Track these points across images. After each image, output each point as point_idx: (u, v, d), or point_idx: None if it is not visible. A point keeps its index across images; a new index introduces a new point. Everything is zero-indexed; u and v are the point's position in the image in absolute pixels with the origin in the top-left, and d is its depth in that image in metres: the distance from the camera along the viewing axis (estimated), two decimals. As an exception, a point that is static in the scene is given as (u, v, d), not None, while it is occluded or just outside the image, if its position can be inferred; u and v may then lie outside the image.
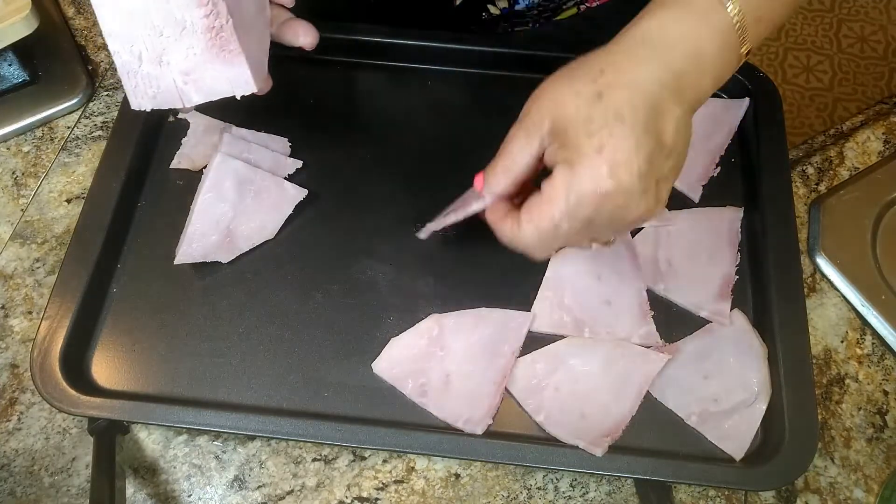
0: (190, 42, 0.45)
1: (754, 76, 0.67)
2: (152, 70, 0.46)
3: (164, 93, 0.47)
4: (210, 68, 0.46)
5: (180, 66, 0.46)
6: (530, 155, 0.45)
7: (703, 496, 0.55)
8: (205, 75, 0.47)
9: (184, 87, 0.47)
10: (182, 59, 0.46)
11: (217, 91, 0.48)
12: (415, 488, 0.54)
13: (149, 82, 0.47)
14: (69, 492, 0.54)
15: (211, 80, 0.47)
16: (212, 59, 0.46)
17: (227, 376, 0.55)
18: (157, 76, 0.47)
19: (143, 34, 0.45)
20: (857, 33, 1.94)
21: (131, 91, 0.47)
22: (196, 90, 0.47)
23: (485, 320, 0.56)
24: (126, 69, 0.46)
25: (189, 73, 0.47)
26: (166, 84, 0.47)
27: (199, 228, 0.58)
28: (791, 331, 0.55)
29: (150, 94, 0.47)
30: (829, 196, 0.65)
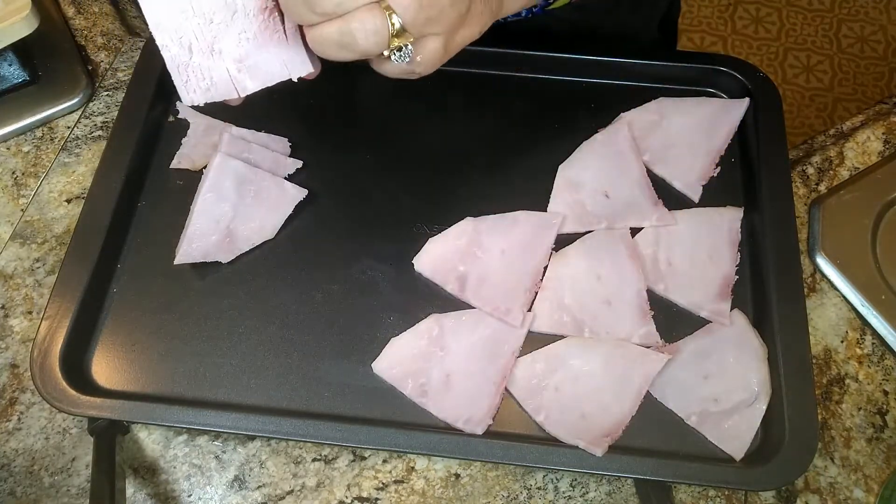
0: (242, 26, 0.43)
1: (754, 76, 0.67)
2: (204, 61, 0.44)
3: (218, 84, 0.45)
4: (264, 52, 0.44)
5: (233, 53, 0.44)
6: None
7: (703, 496, 0.55)
8: (259, 60, 0.45)
9: (238, 76, 0.45)
10: (235, 46, 0.44)
11: (273, 76, 0.46)
12: (415, 488, 0.54)
13: (201, 75, 0.45)
14: (69, 492, 0.54)
15: (266, 65, 0.45)
16: (265, 42, 0.44)
17: (227, 376, 0.55)
18: (209, 67, 0.45)
19: (193, 23, 0.43)
20: (857, 33, 1.94)
21: (182, 86, 0.45)
22: (251, 77, 0.46)
23: (485, 320, 0.56)
24: (175, 63, 0.44)
25: (243, 60, 0.45)
26: (220, 75, 0.45)
27: (199, 228, 0.58)
28: (791, 331, 0.55)
29: (203, 87, 0.46)
30: (829, 196, 0.65)
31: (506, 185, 0.63)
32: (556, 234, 0.60)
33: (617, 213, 0.61)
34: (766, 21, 1.96)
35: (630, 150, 0.64)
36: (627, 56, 0.68)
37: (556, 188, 0.62)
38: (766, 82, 0.66)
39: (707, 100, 0.67)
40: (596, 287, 0.58)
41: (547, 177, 0.63)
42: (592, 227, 0.61)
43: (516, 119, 0.67)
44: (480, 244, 0.59)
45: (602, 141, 0.64)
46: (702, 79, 0.68)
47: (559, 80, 0.68)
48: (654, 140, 0.65)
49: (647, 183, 0.63)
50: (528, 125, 0.67)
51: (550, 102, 0.67)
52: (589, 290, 0.58)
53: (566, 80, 0.68)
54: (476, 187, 0.63)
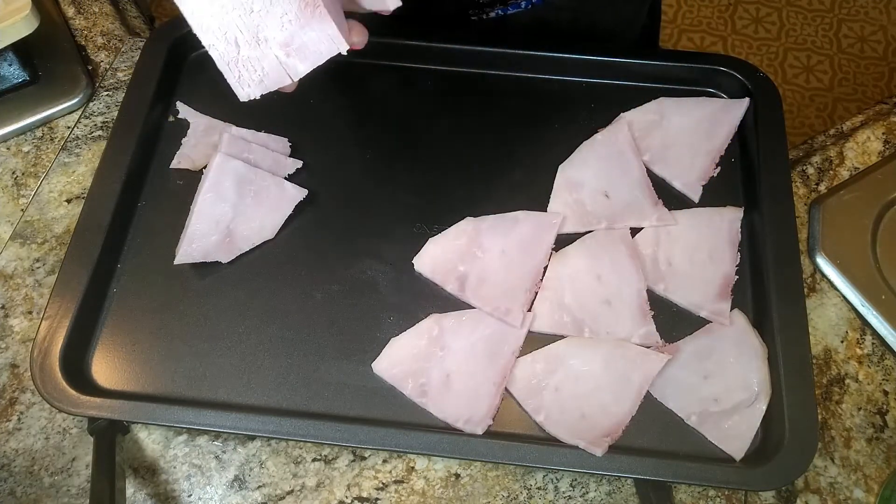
0: (283, 9, 0.44)
1: (754, 76, 0.67)
2: (252, 52, 0.44)
3: (271, 73, 0.45)
4: (309, 32, 0.44)
5: (278, 38, 0.44)
6: None
7: (703, 496, 0.55)
8: (305, 41, 0.45)
9: (287, 61, 0.45)
10: (279, 31, 0.44)
11: (322, 53, 0.46)
12: (415, 488, 0.54)
13: (252, 67, 0.45)
14: (69, 492, 0.54)
15: (313, 45, 0.45)
16: (307, 21, 0.44)
17: (227, 376, 0.55)
18: (258, 57, 0.45)
19: (234, 17, 0.43)
20: (857, 33, 1.94)
21: (236, 83, 0.46)
22: (301, 59, 0.45)
23: (485, 320, 0.56)
24: (225, 60, 0.45)
25: (289, 44, 0.45)
26: (270, 63, 0.45)
27: (199, 228, 0.58)
28: (791, 331, 0.55)
29: (257, 80, 0.46)
30: (829, 196, 0.65)
31: (506, 185, 0.63)
32: (556, 234, 0.60)
33: (617, 213, 0.61)
34: (766, 21, 1.96)
35: (630, 150, 0.64)
36: (628, 56, 0.68)
37: (556, 188, 0.62)
38: (766, 82, 0.66)
39: (707, 100, 0.67)
40: (596, 287, 0.58)
41: (547, 177, 0.63)
42: (592, 227, 0.61)
43: (516, 119, 0.67)
44: (480, 244, 0.59)
45: (602, 141, 0.64)
46: (702, 79, 0.68)
47: (559, 79, 0.68)
48: (654, 140, 0.65)
49: (647, 183, 0.63)
50: (528, 125, 0.67)
51: (550, 102, 0.67)
52: (589, 290, 0.58)
53: (566, 80, 0.68)
54: (476, 187, 0.63)
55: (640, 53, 0.69)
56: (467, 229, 0.60)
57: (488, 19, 0.74)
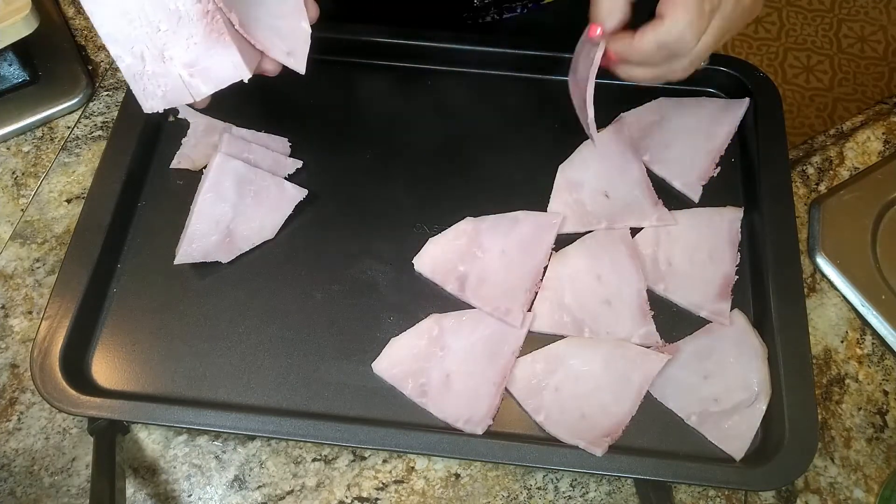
0: (188, 31, 0.45)
1: (754, 76, 0.67)
2: (157, 68, 0.46)
3: (173, 90, 0.47)
4: (214, 55, 0.46)
5: (183, 58, 0.46)
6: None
7: (703, 496, 0.55)
8: (209, 64, 0.46)
9: (190, 80, 0.47)
10: (184, 51, 0.45)
11: (224, 78, 0.47)
12: (415, 488, 0.54)
13: (156, 82, 0.46)
14: (69, 492, 0.54)
15: (216, 69, 0.46)
16: (213, 44, 0.45)
17: (227, 376, 0.55)
18: (162, 73, 0.46)
19: (142, 32, 0.45)
20: (857, 33, 1.94)
21: (141, 95, 0.47)
22: (203, 81, 0.47)
23: (485, 320, 0.56)
24: (131, 72, 0.46)
25: (193, 65, 0.46)
26: (173, 80, 0.46)
27: (199, 228, 0.58)
28: (791, 331, 0.55)
29: (160, 94, 0.47)
30: (829, 196, 0.65)
31: (506, 185, 0.63)
32: (556, 234, 0.60)
33: (617, 213, 0.61)
34: (766, 21, 1.96)
35: (630, 150, 0.64)
36: (627, 56, 0.68)
37: (556, 188, 0.62)
38: (766, 82, 0.66)
39: (707, 100, 0.67)
40: (596, 287, 0.58)
41: (547, 177, 0.63)
42: (592, 227, 0.61)
43: (516, 119, 0.67)
44: (480, 244, 0.59)
45: (602, 141, 0.64)
46: (702, 79, 0.68)
47: (559, 79, 0.68)
48: (654, 140, 0.65)
49: (647, 183, 0.63)
50: (528, 125, 0.67)
51: (550, 102, 0.67)
52: (589, 290, 0.58)
53: (566, 80, 0.68)
54: (476, 187, 0.63)
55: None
56: (467, 229, 0.60)
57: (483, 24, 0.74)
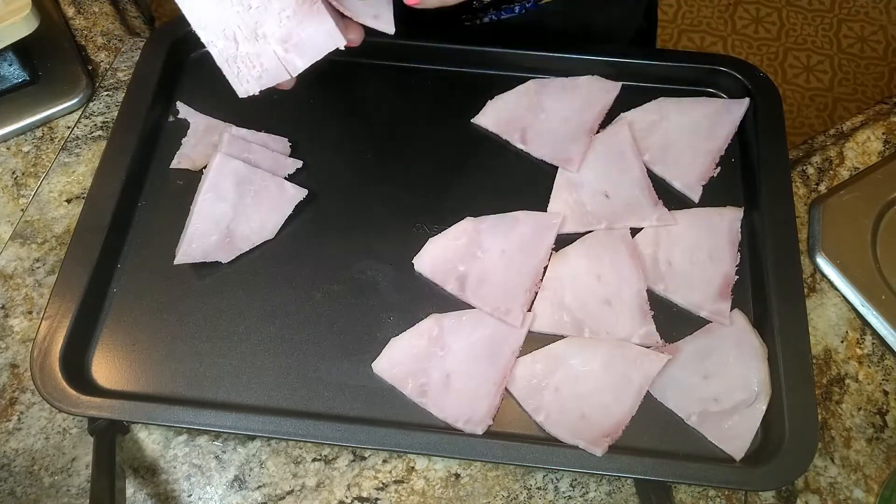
0: (280, 5, 0.44)
1: (754, 76, 0.67)
2: (250, 49, 0.45)
3: (269, 69, 0.46)
4: (307, 27, 0.45)
5: (277, 34, 0.45)
6: None
7: (703, 496, 0.55)
8: (303, 36, 0.45)
9: (286, 56, 0.46)
10: (277, 27, 0.45)
11: (320, 49, 0.46)
12: (415, 488, 0.54)
13: (251, 63, 0.46)
14: (69, 492, 0.54)
15: (311, 40, 0.45)
16: (305, 16, 0.44)
17: (227, 376, 0.55)
18: (257, 54, 0.45)
19: (232, 13, 0.44)
20: (857, 33, 1.94)
21: (235, 79, 0.46)
22: (299, 55, 0.46)
23: (485, 320, 0.56)
24: (224, 56, 0.45)
25: (287, 40, 0.45)
26: (268, 59, 0.46)
27: (199, 228, 0.58)
28: (791, 331, 0.55)
29: (256, 75, 0.46)
30: (829, 196, 0.65)
31: (506, 185, 0.63)
32: (556, 234, 0.60)
33: (617, 213, 0.61)
34: (766, 21, 1.96)
35: (630, 150, 0.64)
36: (628, 56, 0.68)
37: (556, 188, 0.63)
38: (766, 82, 0.66)
39: (707, 100, 0.67)
40: (596, 287, 0.58)
41: (547, 177, 0.63)
42: (592, 227, 0.61)
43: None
44: (480, 244, 0.59)
45: (602, 141, 0.64)
46: (702, 79, 0.68)
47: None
48: (654, 140, 0.65)
49: (647, 183, 0.63)
50: (528, 125, 0.66)
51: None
52: (589, 290, 0.58)
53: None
54: (476, 187, 0.63)
55: (641, 53, 0.69)
56: (467, 229, 0.60)
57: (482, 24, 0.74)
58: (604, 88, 0.67)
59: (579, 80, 0.67)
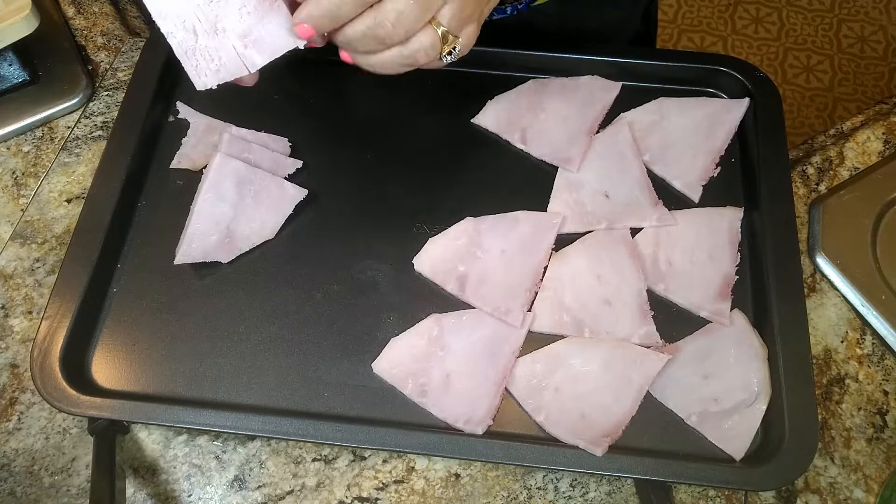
0: (241, 1, 0.44)
1: (754, 76, 0.67)
2: (210, 42, 0.45)
3: (228, 63, 0.46)
4: (267, 24, 0.45)
5: (237, 29, 0.45)
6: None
7: (703, 496, 0.55)
8: (263, 33, 0.45)
9: (245, 52, 0.46)
10: (237, 22, 0.45)
11: (279, 46, 0.46)
12: (415, 488, 0.54)
13: (209, 56, 0.46)
14: (69, 492, 0.54)
15: (270, 38, 0.46)
16: (266, 13, 0.45)
17: (227, 376, 0.55)
18: (216, 47, 0.45)
19: (193, 6, 0.44)
20: (857, 33, 1.94)
21: (193, 71, 0.46)
22: (258, 51, 0.46)
23: (485, 320, 0.56)
24: (183, 48, 0.45)
25: (247, 36, 0.45)
26: (227, 53, 0.46)
27: (199, 228, 0.58)
28: (791, 331, 0.55)
29: (213, 69, 0.46)
30: (829, 196, 0.65)
31: (506, 185, 0.63)
32: (556, 234, 0.60)
33: (617, 213, 0.61)
34: (766, 21, 1.96)
35: (630, 150, 0.64)
36: (628, 56, 0.68)
37: (556, 188, 0.63)
38: (766, 82, 0.66)
39: (707, 100, 0.67)
40: (596, 287, 0.58)
41: (547, 177, 0.63)
42: (592, 227, 0.61)
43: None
44: (480, 244, 0.59)
45: (602, 141, 0.64)
46: (702, 79, 0.68)
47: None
48: (654, 140, 0.65)
49: (647, 183, 0.63)
50: (528, 125, 0.66)
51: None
52: (589, 290, 0.58)
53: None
54: (476, 187, 0.63)
55: (641, 53, 0.69)
56: (467, 229, 0.60)
57: None
58: (604, 88, 0.67)
59: (579, 80, 0.67)
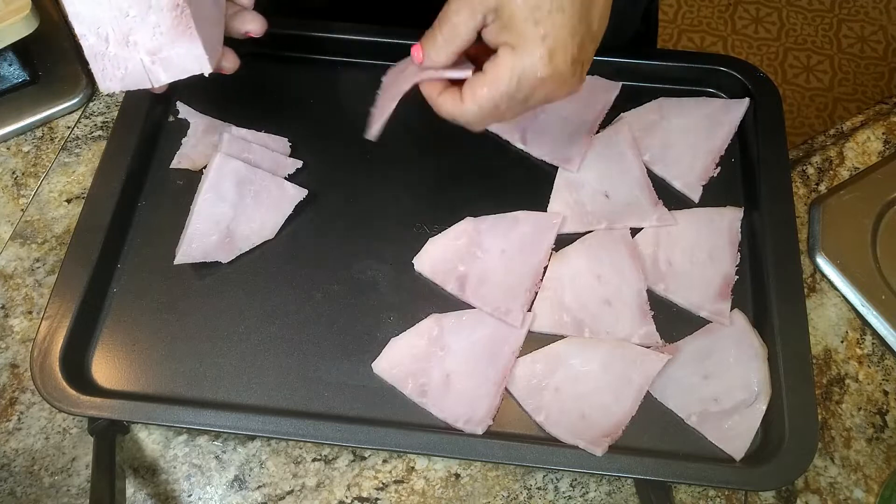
0: (156, 20, 0.46)
1: (754, 76, 0.67)
2: (119, 51, 0.47)
3: (132, 74, 0.48)
4: (177, 46, 0.47)
5: (147, 45, 0.47)
6: (473, 28, 0.47)
7: (703, 496, 0.55)
8: (171, 54, 0.47)
9: (151, 67, 0.48)
10: (149, 39, 0.46)
11: (185, 69, 0.48)
12: (415, 488, 0.54)
13: (116, 64, 0.47)
14: (69, 492, 0.54)
15: (178, 59, 0.48)
16: (178, 36, 0.46)
17: (227, 376, 0.55)
18: (124, 58, 0.47)
19: (110, 16, 0.46)
20: (857, 33, 1.94)
21: (99, 74, 0.48)
22: (164, 69, 0.48)
23: (485, 320, 0.56)
24: (93, 52, 0.47)
25: (156, 53, 0.47)
26: (134, 65, 0.47)
27: (199, 228, 0.58)
28: (791, 331, 0.55)
29: (119, 76, 0.48)
30: (829, 196, 0.65)
31: (506, 185, 0.63)
32: (556, 234, 0.60)
33: (617, 213, 0.61)
34: (766, 21, 1.96)
35: (630, 150, 0.64)
36: (627, 56, 0.68)
37: (556, 188, 0.63)
38: (766, 82, 0.66)
39: (707, 100, 0.67)
40: (596, 287, 0.58)
41: (547, 177, 0.63)
42: (592, 227, 0.61)
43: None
44: (480, 244, 0.59)
45: (602, 141, 0.64)
46: (702, 79, 0.68)
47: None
48: (654, 140, 0.65)
49: (647, 183, 0.63)
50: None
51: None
52: (589, 290, 0.58)
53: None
54: (476, 187, 0.63)
55: (641, 53, 0.69)
56: (467, 229, 0.60)
57: None
58: (604, 88, 0.67)
59: None
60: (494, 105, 0.47)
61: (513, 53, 0.45)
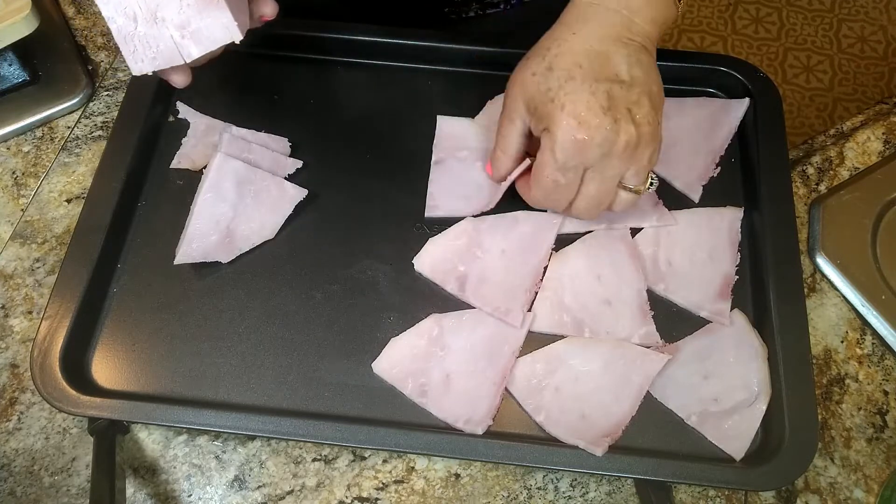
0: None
1: (754, 76, 0.67)
2: (148, 30, 0.47)
3: (164, 52, 0.48)
4: (205, 17, 0.47)
5: (175, 20, 0.47)
6: (519, 134, 0.54)
7: (703, 496, 0.55)
8: (201, 25, 0.47)
9: (182, 42, 0.48)
10: (176, 13, 0.46)
11: (216, 40, 0.48)
12: (415, 488, 0.54)
13: (147, 43, 0.47)
14: (69, 492, 0.54)
15: (207, 30, 0.47)
16: (205, 6, 0.46)
17: (227, 376, 0.55)
18: (154, 35, 0.47)
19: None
20: (857, 33, 1.94)
21: (130, 56, 0.48)
22: (195, 42, 0.48)
23: (485, 320, 0.56)
24: (122, 34, 0.47)
25: (185, 27, 0.47)
26: (164, 42, 0.47)
27: (199, 228, 0.58)
28: (791, 331, 0.55)
29: (150, 56, 0.48)
30: (829, 196, 0.65)
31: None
32: (556, 234, 0.60)
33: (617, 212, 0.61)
34: (766, 21, 1.96)
35: (630, 150, 0.64)
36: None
37: (556, 188, 0.63)
38: (766, 82, 0.66)
39: (707, 100, 0.67)
40: (596, 287, 0.58)
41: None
42: (592, 227, 0.61)
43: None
44: (480, 244, 0.59)
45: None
46: (702, 79, 0.68)
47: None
48: (654, 140, 0.65)
49: (647, 183, 0.63)
50: (528, 125, 0.66)
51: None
52: (589, 290, 0.58)
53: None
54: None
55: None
56: (467, 229, 0.60)
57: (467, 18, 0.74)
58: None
59: None
60: (553, 181, 0.51)
61: (547, 134, 0.50)
